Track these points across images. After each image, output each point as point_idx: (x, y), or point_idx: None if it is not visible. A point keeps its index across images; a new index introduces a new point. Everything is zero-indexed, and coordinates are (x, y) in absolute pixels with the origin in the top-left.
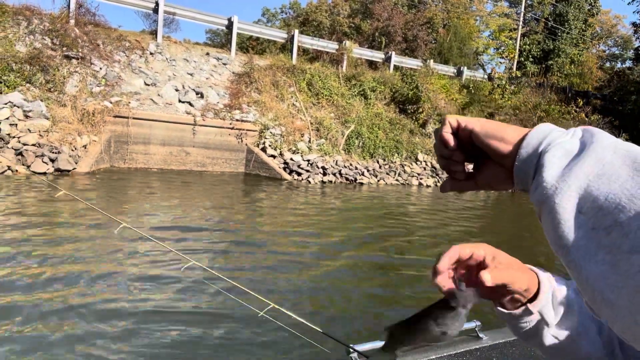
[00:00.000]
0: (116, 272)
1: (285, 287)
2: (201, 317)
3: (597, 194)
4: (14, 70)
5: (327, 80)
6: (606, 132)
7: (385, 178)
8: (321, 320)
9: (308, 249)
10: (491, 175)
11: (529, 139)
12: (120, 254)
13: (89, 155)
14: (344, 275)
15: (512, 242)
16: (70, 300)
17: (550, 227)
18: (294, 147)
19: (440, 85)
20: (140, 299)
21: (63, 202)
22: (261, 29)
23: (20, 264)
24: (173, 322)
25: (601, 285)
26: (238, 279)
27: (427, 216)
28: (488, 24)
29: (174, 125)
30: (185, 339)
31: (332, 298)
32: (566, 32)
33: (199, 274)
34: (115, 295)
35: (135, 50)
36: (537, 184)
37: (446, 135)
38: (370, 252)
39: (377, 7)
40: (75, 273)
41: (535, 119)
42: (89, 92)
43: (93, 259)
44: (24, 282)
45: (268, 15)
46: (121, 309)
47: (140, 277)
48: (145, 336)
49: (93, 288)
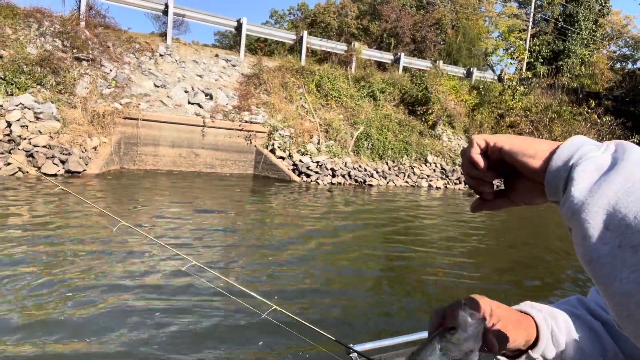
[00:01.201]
0: (116, 272)
1: (287, 288)
2: (202, 318)
3: (626, 211)
4: (25, 72)
5: (336, 82)
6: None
7: (395, 180)
8: (321, 320)
9: (311, 250)
10: (525, 191)
11: (560, 152)
12: (120, 253)
13: (99, 157)
14: (346, 276)
15: (522, 243)
16: (65, 297)
17: (578, 241)
18: (302, 149)
19: (450, 86)
20: (139, 298)
21: (64, 202)
22: (270, 31)
23: (18, 263)
24: (174, 323)
25: (626, 302)
26: (240, 280)
27: (435, 218)
28: (497, 24)
29: (183, 127)
30: (185, 340)
31: (332, 299)
32: (576, 32)
33: (201, 274)
34: (114, 295)
35: (145, 52)
36: (566, 198)
37: (476, 157)
38: (374, 254)
39: (385, 8)
40: (71, 271)
41: (546, 120)
42: (99, 93)
43: (91, 257)
44: (23, 280)
45: (276, 17)
46: (120, 309)
47: (140, 276)
48: (144, 336)
49: (90, 286)
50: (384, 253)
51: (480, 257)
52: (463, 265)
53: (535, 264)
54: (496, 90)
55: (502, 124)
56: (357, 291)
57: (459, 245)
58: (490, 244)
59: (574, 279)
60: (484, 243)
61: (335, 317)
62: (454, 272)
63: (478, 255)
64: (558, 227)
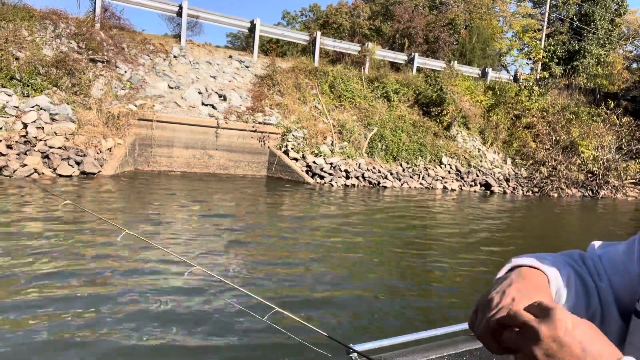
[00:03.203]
0: (117, 276)
1: (289, 289)
2: (203, 320)
3: None
4: (41, 73)
5: (349, 83)
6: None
7: (409, 182)
8: (321, 320)
9: (316, 251)
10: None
11: None
12: (124, 259)
13: (114, 159)
14: (347, 277)
15: (539, 244)
16: (68, 304)
17: None
18: (316, 150)
19: (465, 86)
20: (141, 303)
21: (68, 207)
22: (283, 32)
23: (19, 268)
24: (175, 326)
25: None
26: (241, 282)
27: (449, 222)
28: (511, 24)
29: (197, 128)
30: (186, 342)
31: (333, 299)
32: (592, 32)
33: (204, 278)
34: (116, 299)
35: (159, 53)
36: None
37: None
38: (379, 255)
39: (398, 8)
40: (76, 278)
41: (563, 122)
42: (114, 95)
43: (94, 263)
44: (23, 287)
45: (288, 18)
46: (121, 313)
47: (142, 281)
48: (146, 340)
49: (93, 291)
50: (389, 254)
51: (491, 265)
52: (473, 267)
53: None
54: (512, 90)
55: (518, 125)
56: (358, 292)
57: (469, 246)
58: (507, 249)
59: None
60: (498, 246)
61: (336, 317)
62: (463, 274)
63: (488, 263)
64: (580, 228)
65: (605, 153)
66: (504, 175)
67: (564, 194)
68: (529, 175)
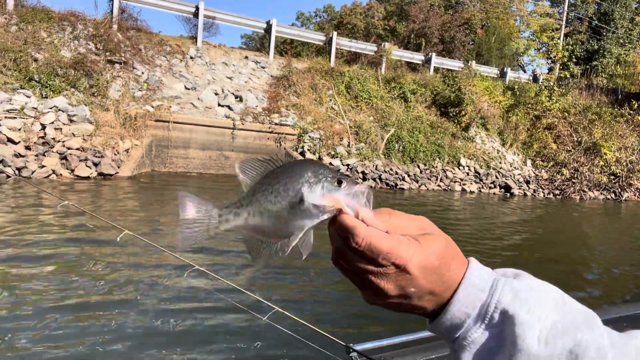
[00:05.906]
0: (118, 277)
1: (289, 290)
2: (204, 321)
3: None
4: (59, 75)
5: (365, 83)
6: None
7: (427, 183)
8: (321, 321)
9: (318, 252)
10: None
11: (451, 315)
12: (125, 260)
13: (131, 160)
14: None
15: (555, 247)
16: (67, 304)
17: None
18: (333, 152)
19: (483, 87)
20: (141, 303)
21: (71, 209)
22: (299, 32)
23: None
24: (176, 326)
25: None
26: (241, 282)
27: (465, 222)
28: (529, 24)
29: (213, 130)
30: (186, 342)
31: (333, 299)
32: (612, 31)
33: (204, 278)
34: (116, 299)
35: (176, 54)
36: None
37: None
38: None
39: (413, 8)
40: (76, 278)
41: (585, 122)
42: (132, 96)
43: (96, 264)
44: (28, 286)
45: (302, 19)
46: (122, 313)
47: (142, 282)
48: (146, 339)
49: (92, 292)
50: None
51: (499, 267)
52: None
53: (577, 262)
54: (532, 90)
55: (538, 126)
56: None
57: (478, 247)
58: (531, 245)
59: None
60: (510, 251)
61: (336, 317)
62: None
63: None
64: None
65: (628, 154)
66: (524, 177)
67: (586, 196)
68: (550, 177)
